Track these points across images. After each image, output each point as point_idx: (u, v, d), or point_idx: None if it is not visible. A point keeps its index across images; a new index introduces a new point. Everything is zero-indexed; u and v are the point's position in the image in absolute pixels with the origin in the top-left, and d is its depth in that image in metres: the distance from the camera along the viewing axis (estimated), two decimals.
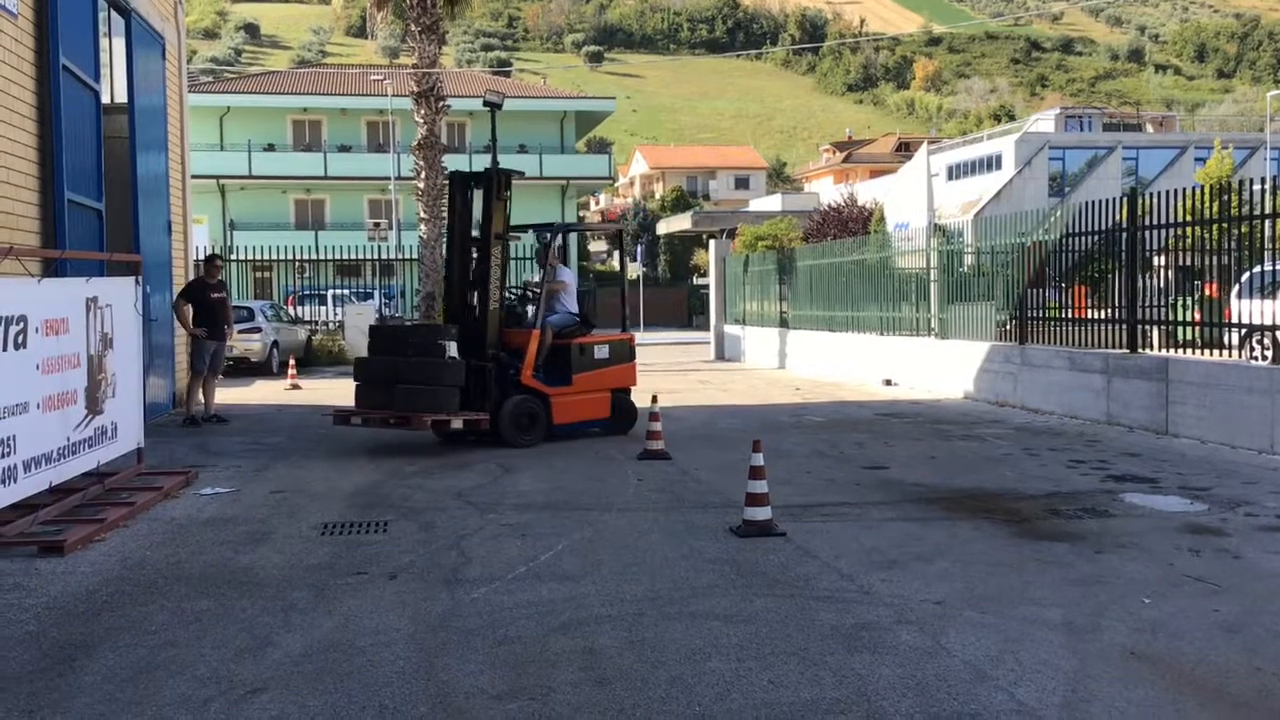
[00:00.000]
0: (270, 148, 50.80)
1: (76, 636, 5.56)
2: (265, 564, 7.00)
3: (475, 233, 12.70)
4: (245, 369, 22.47)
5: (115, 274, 10.74)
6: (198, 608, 6.03)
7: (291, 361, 21.22)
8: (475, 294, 12.43)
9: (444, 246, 11.22)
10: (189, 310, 14.62)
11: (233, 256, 31.92)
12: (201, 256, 17.98)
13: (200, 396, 14.76)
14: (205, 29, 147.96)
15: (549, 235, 13.02)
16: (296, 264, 31.19)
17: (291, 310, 29.32)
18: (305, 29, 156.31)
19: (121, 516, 8.24)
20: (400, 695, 4.71)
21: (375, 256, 32.47)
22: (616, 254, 16.88)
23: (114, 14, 14.68)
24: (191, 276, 17.58)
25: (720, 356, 28.39)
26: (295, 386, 19.69)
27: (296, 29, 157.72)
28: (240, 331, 22.78)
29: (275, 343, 23.57)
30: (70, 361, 8.23)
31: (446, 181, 11.93)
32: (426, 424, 11.69)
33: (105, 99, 13.92)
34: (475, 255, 12.53)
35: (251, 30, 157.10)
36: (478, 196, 12.58)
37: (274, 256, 29.48)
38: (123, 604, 6.13)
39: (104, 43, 14.16)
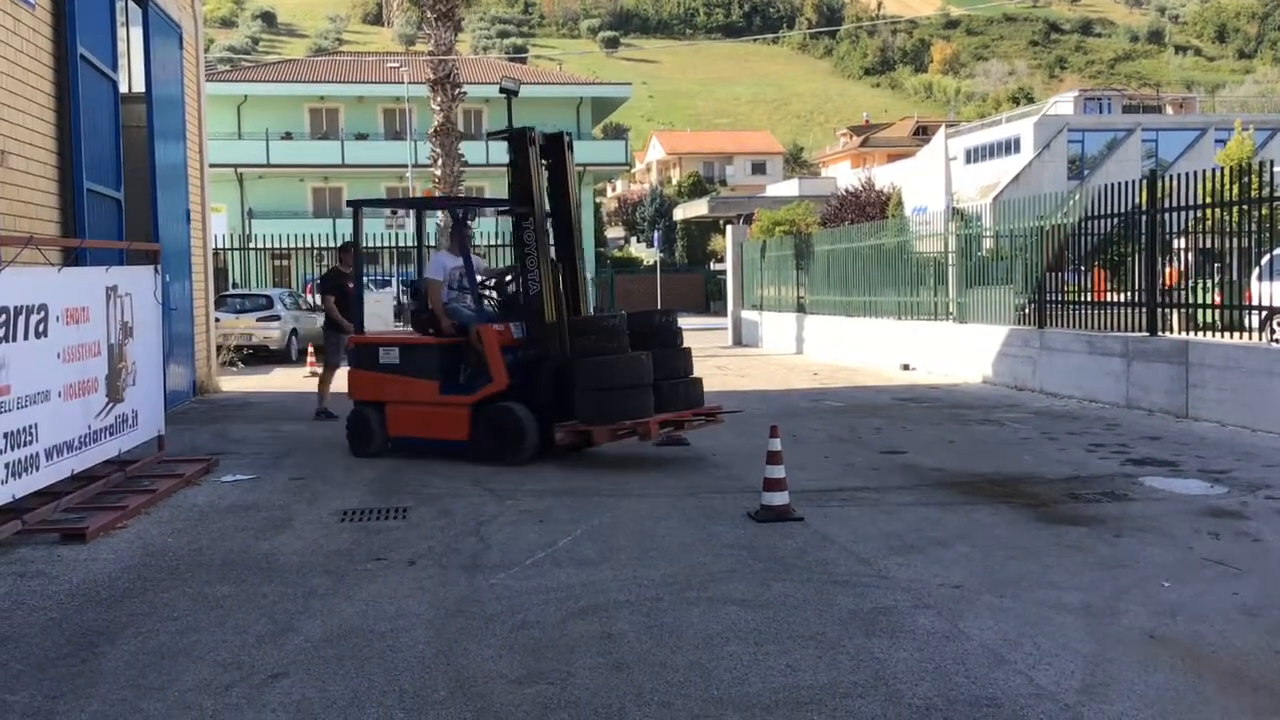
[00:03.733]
0: (288, 136, 50.89)
1: (99, 623, 5.60)
2: (285, 550, 7.05)
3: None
4: (264, 357, 22.56)
5: (134, 263, 10.79)
6: (219, 593, 6.08)
7: (310, 349, 21.27)
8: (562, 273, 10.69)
9: (520, 223, 10.20)
10: (333, 302, 14.03)
11: (251, 245, 31.99)
12: (338, 243, 17.20)
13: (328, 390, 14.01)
14: (222, 18, 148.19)
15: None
16: (315, 252, 31.26)
17: (310, 298, 29.39)
18: (322, 17, 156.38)
19: (143, 504, 8.30)
20: (420, 679, 4.74)
21: (393, 244, 32.51)
22: (633, 240, 16.45)
23: (131, 4, 14.73)
24: (212, 265, 17.68)
25: (738, 342, 28.36)
26: (314, 374, 19.73)
27: (313, 17, 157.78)
28: (258, 319, 22.90)
29: (294, 330, 23.65)
30: (91, 350, 8.28)
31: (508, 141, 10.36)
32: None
33: (123, 88, 13.99)
34: (553, 229, 10.67)
35: (268, 18, 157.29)
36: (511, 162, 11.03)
37: (292, 245, 29.54)
38: (144, 590, 6.18)
39: (121, 32, 14.23)
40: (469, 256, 10.87)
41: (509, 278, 11.14)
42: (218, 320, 19.64)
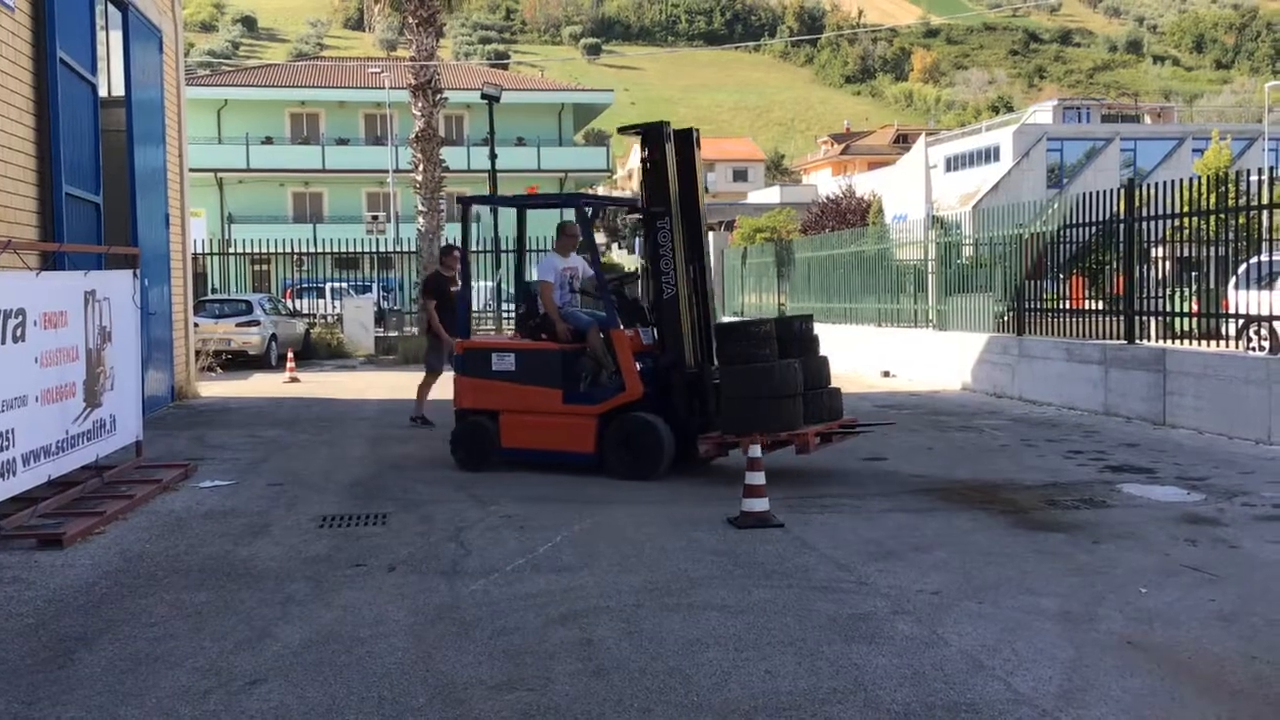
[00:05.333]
0: (268, 141, 50.75)
1: (76, 629, 5.57)
2: (264, 556, 7.02)
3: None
4: (243, 362, 22.47)
5: (113, 267, 10.74)
6: (197, 600, 6.05)
7: (290, 354, 21.19)
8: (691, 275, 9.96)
9: (654, 223, 9.63)
10: (433, 306, 13.65)
11: (230, 249, 31.89)
12: (440, 246, 16.49)
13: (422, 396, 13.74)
14: (202, 22, 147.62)
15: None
16: (295, 257, 31.19)
17: (290, 303, 29.30)
18: (303, 21, 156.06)
19: (120, 509, 8.25)
20: (399, 686, 4.73)
21: (373, 249, 32.47)
22: (614, 246, 16.17)
23: (111, 7, 14.66)
24: (191, 270, 17.60)
25: None
26: (294, 380, 19.69)
27: (294, 21, 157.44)
28: (238, 324, 22.81)
29: (274, 336, 23.56)
30: (69, 354, 8.24)
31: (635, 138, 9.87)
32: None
33: (103, 92, 13.91)
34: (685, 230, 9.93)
35: (249, 23, 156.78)
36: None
37: (272, 249, 29.45)
38: (122, 596, 6.15)
39: (101, 36, 14.14)
40: (597, 257, 10.38)
41: (627, 281, 10.73)
42: (197, 325, 19.54)
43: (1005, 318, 16.33)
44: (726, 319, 27.93)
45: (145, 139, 15.35)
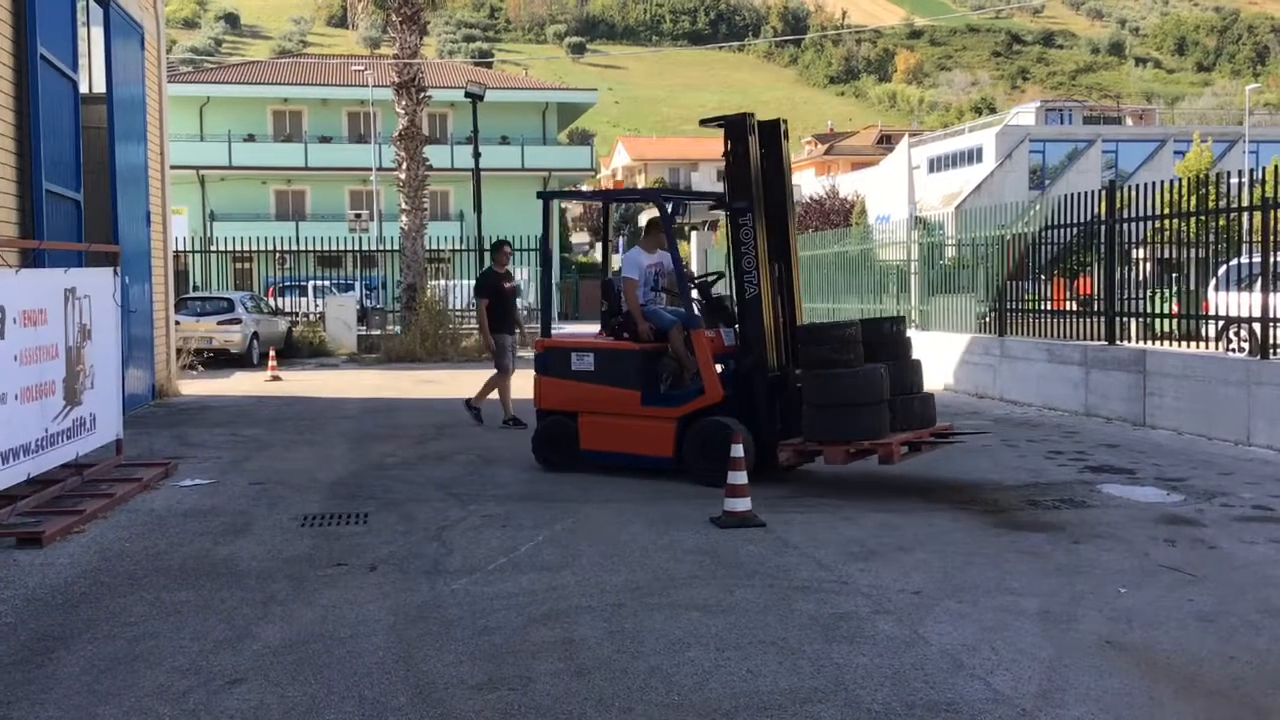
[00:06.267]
0: (250, 138, 50.53)
1: (55, 628, 5.54)
2: (245, 555, 6.99)
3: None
4: (225, 360, 22.38)
5: (94, 265, 10.69)
6: (177, 599, 6.03)
7: (272, 353, 21.11)
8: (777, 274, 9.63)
9: (737, 218, 9.34)
10: (485, 304, 13.22)
11: (212, 247, 31.76)
12: (489, 243, 15.90)
13: (493, 394, 13.34)
14: (185, 19, 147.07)
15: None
16: (277, 255, 31.06)
17: (272, 301, 29.19)
18: (286, 19, 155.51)
19: (100, 508, 8.21)
20: (380, 686, 4.72)
21: (356, 248, 32.39)
22: (599, 245, 15.86)
23: (92, 3, 14.59)
24: (173, 268, 17.50)
25: None
26: (276, 378, 19.62)
27: (277, 19, 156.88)
28: (219, 322, 22.71)
29: (255, 334, 23.46)
30: (48, 352, 8.19)
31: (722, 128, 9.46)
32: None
33: (84, 89, 13.83)
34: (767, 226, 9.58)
35: (231, 20, 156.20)
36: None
37: (254, 247, 29.33)
38: (101, 595, 6.12)
39: (82, 32, 14.07)
40: (677, 254, 9.92)
41: (716, 280, 10.36)
42: (178, 323, 19.46)
43: (987, 318, 16.39)
44: None
45: (126, 136, 15.27)
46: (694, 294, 10.15)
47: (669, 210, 10.02)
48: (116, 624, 5.59)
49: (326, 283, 31.75)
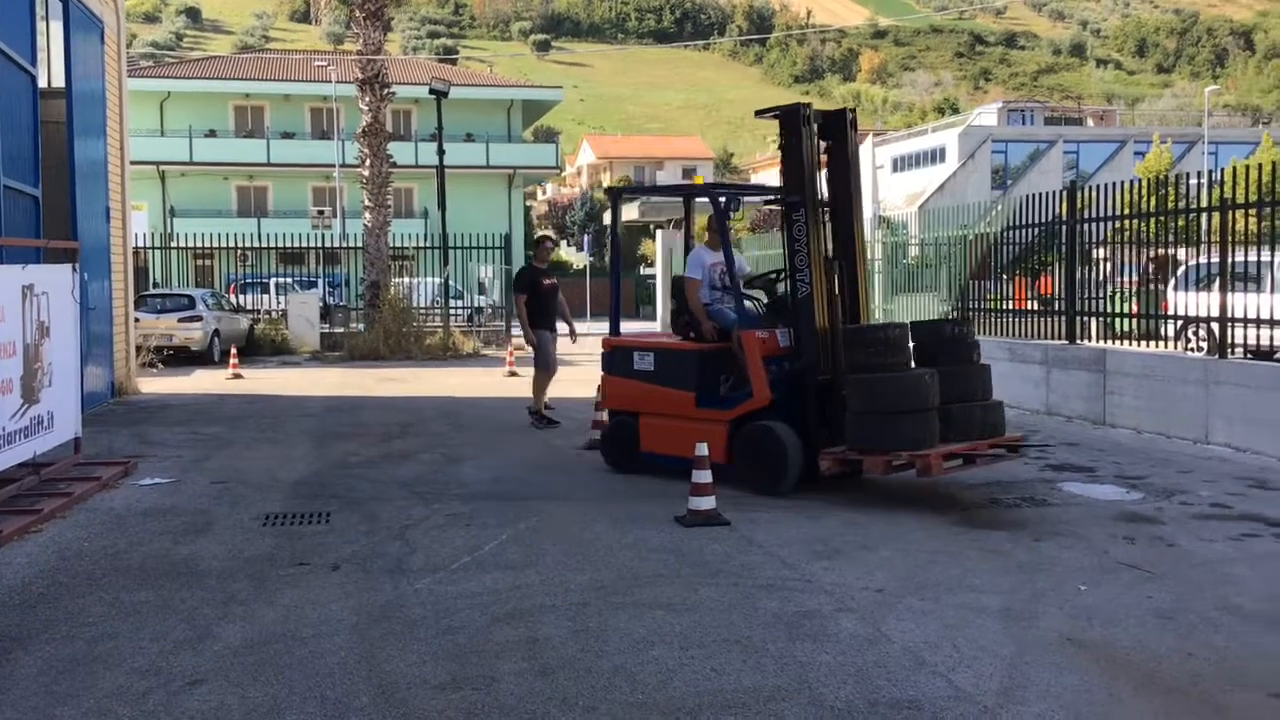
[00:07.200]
0: (212, 134, 50.06)
1: (12, 629, 5.47)
2: (205, 555, 6.93)
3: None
4: (185, 358, 22.18)
5: (52, 261, 10.56)
6: (136, 599, 5.97)
7: (233, 351, 20.94)
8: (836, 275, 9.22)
9: (790, 214, 8.94)
10: (524, 303, 12.89)
11: (173, 243, 31.46)
12: (534, 239, 15.43)
13: (543, 393, 12.97)
14: (145, 13, 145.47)
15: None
16: (238, 251, 30.79)
17: (233, 298, 28.95)
18: (248, 13, 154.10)
19: (58, 507, 8.11)
20: (342, 686, 4.69)
21: (319, 244, 32.16)
22: (564, 244, 15.69)
23: None
24: (132, 264, 17.32)
25: None
26: (237, 376, 19.46)
27: (239, 13, 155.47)
28: (180, 320, 22.49)
29: (216, 331, 23.25)
30: (6, 350, 8.08)
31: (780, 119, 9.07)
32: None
33: (42, 83, 13.66)
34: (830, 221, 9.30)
35: (193, 14, 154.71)
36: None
37: (215, 244, 29.09)
38: (60, 596, 6.05)
39: (41, 26, 13.89)
40: (729, 250, 9.45)
41: (778, 278, 9.78)
42: (137, 320, 19.25)
43: (950, 317, 16.48)
44: None
45: (86, 131, 15.10)
46: (757, 292, 9.86)
47: (722, 205, 9.61)
48: (75, 624, 5.53)
49: (289, 280, 31.56)
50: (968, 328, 9.15)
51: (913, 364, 8.70)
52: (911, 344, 8.88)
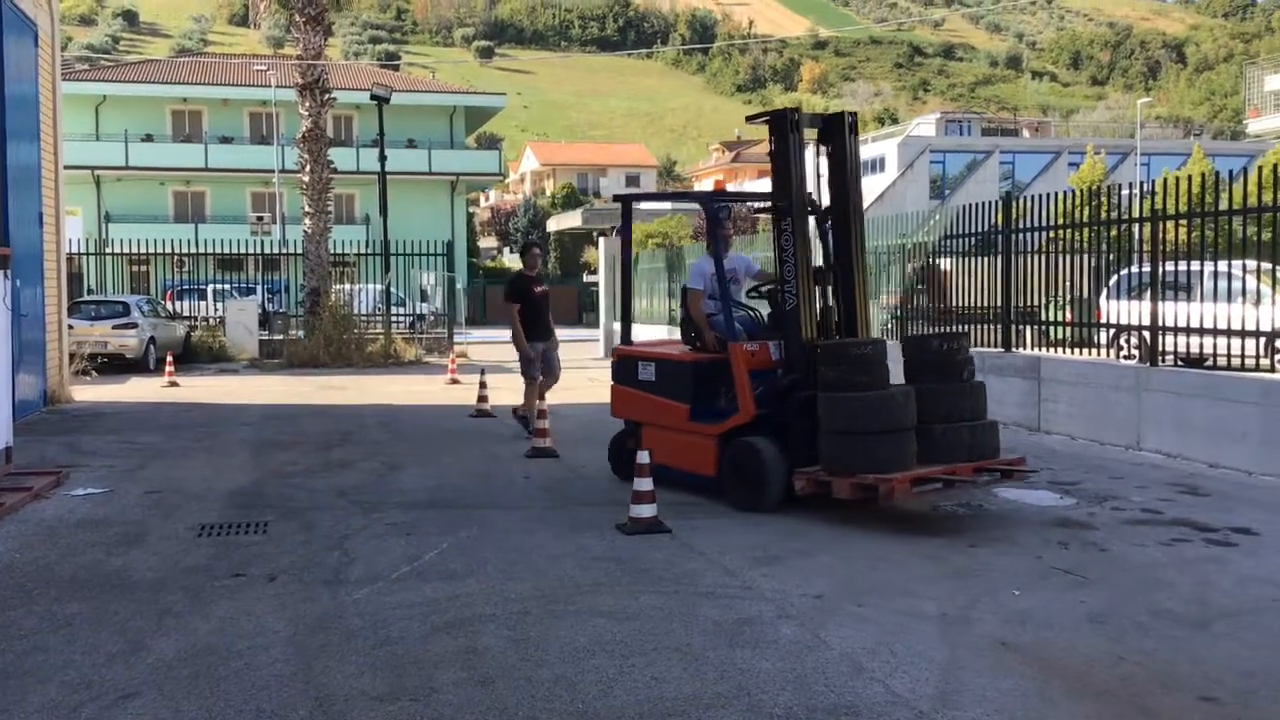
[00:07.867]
0: (148, 138, 49.39)
1: None
2: (139, 566, 6.83)
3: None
4: (120, 366, 21.84)
5: None
6: (68, 611, 5.86)
7: (169, 358, 20.66)
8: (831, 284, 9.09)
9: (778, 222, 8.82)
10: (516, 309, 12.70)
11: (108, 249, 31.00)
12: (520, 245, 15.05)
13: (533, 403, 12.54)
14: (81, 15, 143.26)
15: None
16: (175, 258, 30.40)
17: (170, 305, 28.57)
18: (186, 17, 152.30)
19: None
20: (278, 699, 4.65)
21: (258, 251, 31.85)
22: (506, 250, 15.59)
23: None
24: (66, 270, 17.03)
25: (610, 354, 28.42)
26: (173, 384, 19.20)
27: (177, 16, 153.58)
28: (114, 327, 22.15)
29: (152, 338, 22.93)
30: None
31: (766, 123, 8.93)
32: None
33: None
34: (831, 229, 9.16)
35: (130, 17, 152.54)
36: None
37: (151, 250, 28.69)
38: None
39: None
40: (720, 260, 9.18)
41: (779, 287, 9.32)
42: (71, 327, 18.92)
43: (888, 325, 16.65)
44: (620, 325, 28.01)
45: (18, 135, 14.83)
46: (762, 301, 9.63)
47: (715, 212, 9.52)
48: (4, 637, 5.42)
49: (227, 286, 31.17)
50: (958, 344, 8.66)
51: (900, 381, 8.39)
52: (904, 360, 8.66)
